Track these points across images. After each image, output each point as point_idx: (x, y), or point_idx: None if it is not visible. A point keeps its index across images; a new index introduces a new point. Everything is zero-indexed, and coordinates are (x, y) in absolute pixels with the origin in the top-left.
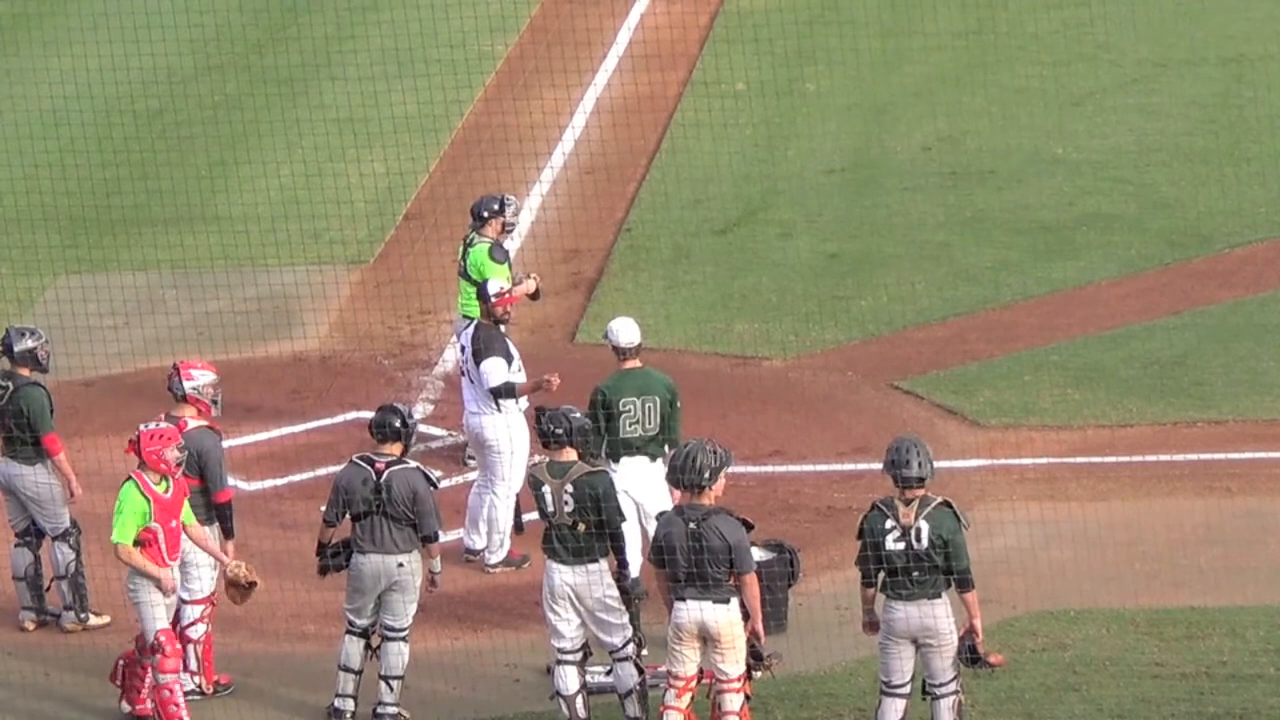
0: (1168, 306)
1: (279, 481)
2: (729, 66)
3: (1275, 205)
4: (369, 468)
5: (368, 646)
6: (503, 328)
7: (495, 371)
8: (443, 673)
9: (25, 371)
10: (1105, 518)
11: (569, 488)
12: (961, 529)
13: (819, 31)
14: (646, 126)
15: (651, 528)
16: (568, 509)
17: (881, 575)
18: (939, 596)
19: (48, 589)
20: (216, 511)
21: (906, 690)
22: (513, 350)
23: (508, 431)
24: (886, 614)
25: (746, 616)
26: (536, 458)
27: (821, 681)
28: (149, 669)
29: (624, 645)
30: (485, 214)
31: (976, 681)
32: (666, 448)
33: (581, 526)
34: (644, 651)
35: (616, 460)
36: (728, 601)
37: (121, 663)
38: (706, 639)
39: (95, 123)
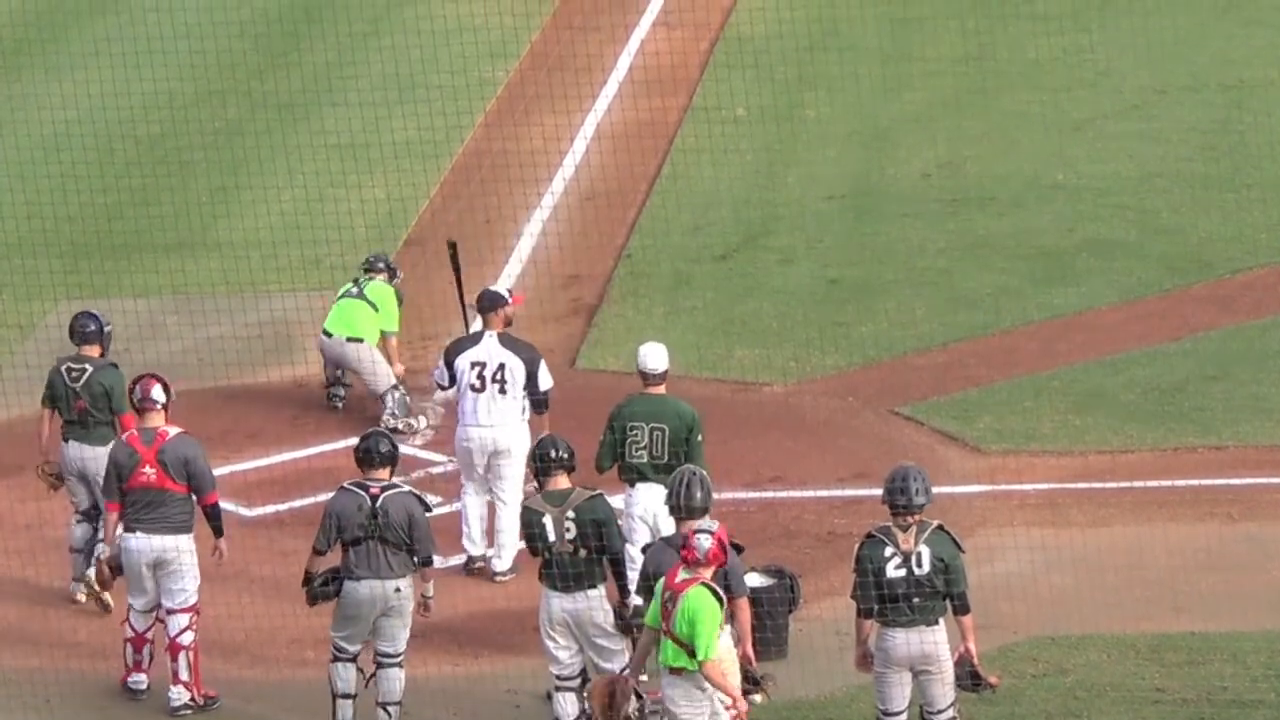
0: (1168, 332)
1: (280, 507)
2: (729, 92)
3: (1276, 231)
4: (364, 493)
5: (360, 671)
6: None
7: (548, 374)
8: (444, 699)
9: (97, 353)
10: (1106, 543)
11: (570, 514)
12: (960, 552)
13: (819, 58)
14: (647, 152)
15: None
16: (569, 536)
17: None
18: (937, 623)
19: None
20: (207, 512)
21: (904, 718)
22: None
23: (524, 440)
24: (883, 643)
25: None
26: (528, 488)
27: (822, 707)
28: None
29: (622, 671)
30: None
31: (977, 708)
32: None
33: (583, 553)
34: (644, 678)
35: (631, 484)
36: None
37: None
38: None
39: (96, 148)
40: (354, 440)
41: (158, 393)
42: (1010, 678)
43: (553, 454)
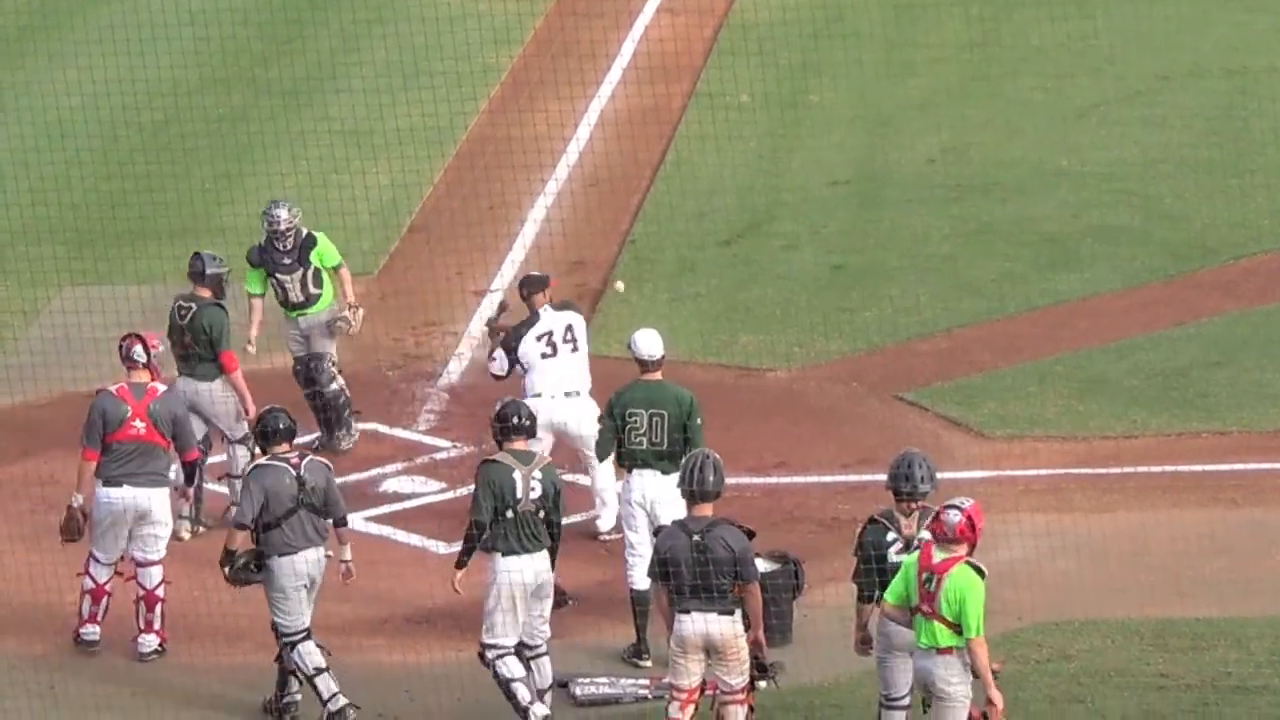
0: (1172, 318)
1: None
2: (733, 79)
3: (1279, 217)
4: (287, 464)
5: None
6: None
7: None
8: (448, 685)
9: (207, 293)
10: (1110, 529)
11: (537, 474)
12: None
13: (823, 44)
14: (651, 139)
15: None
16: (534, 495)
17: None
18: None
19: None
20: (186, 468)
21: (907, 702)
22: None
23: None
24: (885, 627)
25: (748, 627)
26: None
27: (827, 693)
28: None
29: (545, 642)
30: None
31: (979, 694)
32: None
33: (541, 515)
34: (648, 662)
35: (629, 470)
36: (732, 613)
37: None
38: (710, 651)
39: (100, 135)
40: (358, 426)
41: (139, 352)
42: (1014, 663)
43: (515, 420)
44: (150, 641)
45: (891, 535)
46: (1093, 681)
